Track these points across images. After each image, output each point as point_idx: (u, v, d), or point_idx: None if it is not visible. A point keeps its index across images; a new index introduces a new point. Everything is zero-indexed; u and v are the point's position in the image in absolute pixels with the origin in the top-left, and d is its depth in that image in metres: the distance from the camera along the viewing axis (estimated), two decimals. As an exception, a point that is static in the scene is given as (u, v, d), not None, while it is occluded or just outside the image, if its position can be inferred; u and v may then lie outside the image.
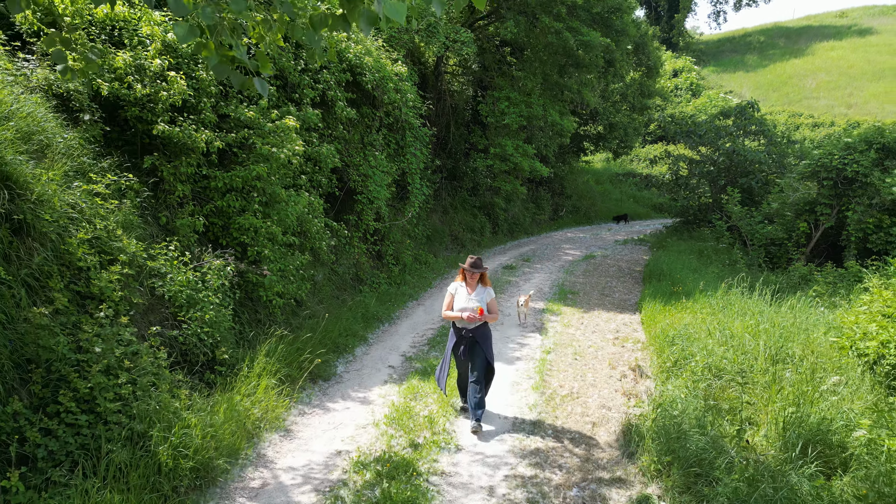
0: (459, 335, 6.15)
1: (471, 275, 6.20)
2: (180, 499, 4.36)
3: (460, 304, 6.14)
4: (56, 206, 5.40)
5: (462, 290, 6.22)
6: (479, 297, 6.18)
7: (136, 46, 6.99)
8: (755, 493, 4.19)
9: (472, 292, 6.19)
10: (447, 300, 6.27)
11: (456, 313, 6.07)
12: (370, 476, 4.78)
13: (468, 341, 6.11)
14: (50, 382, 4.55)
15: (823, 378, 6.25)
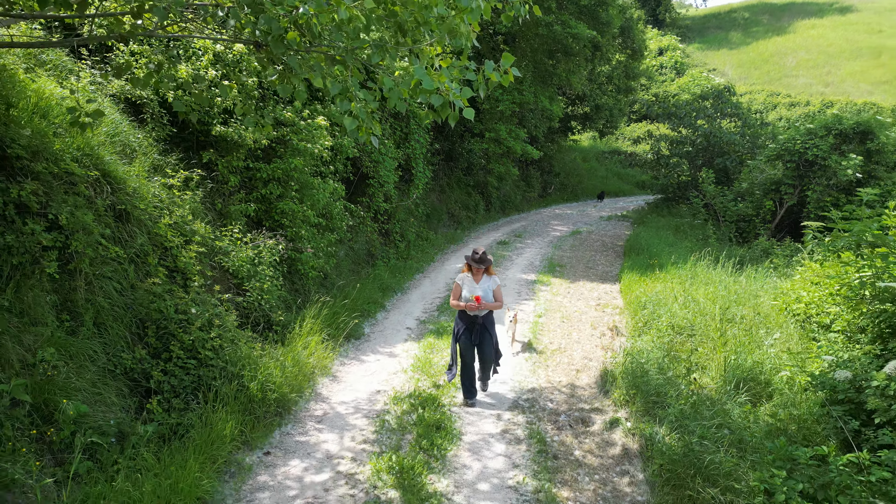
0: (469, 323, 6.57)
1: (476, 268, 6.59)
2: (268, 421, 5.81)
3: (468, 294, 6.48)
4: (147, 197, 6.72)
5: (469, 281, 6.56)
6: (484, 286, 6.54)
7: (190, 57, 8.23)
8: (696, 413, 5.68)
9: (478, 282, 6.57)
10: (455, 291, 6.62)
11: (464, 303, 6.45)
12: (406, 407, 6.24)
13: (478, 328, 6.54)
14: (161, 336, 5.94)
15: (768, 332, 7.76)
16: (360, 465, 5.18)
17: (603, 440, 5.81)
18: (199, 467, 4.60)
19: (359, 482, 4.93)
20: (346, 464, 5.20)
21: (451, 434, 5.72)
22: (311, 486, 4.87)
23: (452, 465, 5.24)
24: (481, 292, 6.44)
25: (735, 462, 4.77)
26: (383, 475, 4.96)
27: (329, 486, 4.86)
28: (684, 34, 53.80)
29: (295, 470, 5.11)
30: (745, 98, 36.70)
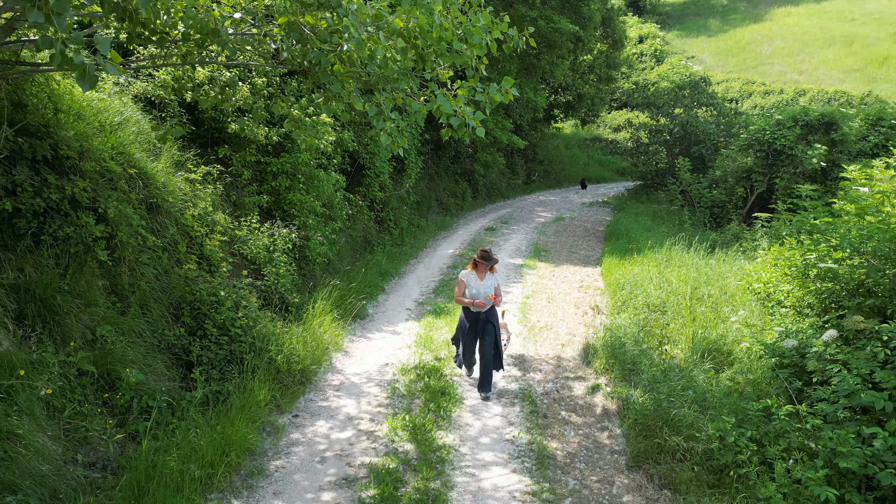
0: (474, 317, 6.90)
1: (482, 265, 6.89)
2: (293, 389, 6.61)
3: (473, 291, 6.82)
4: (174, 191, 7.42)
5: (473, 278, 6.86)
6: (488, 283, 6.87)
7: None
8: (665, 378, 6.56)
9: (482, 279, 6.89)
10: (459, 288, 6.90)
11: (468, 300, 6.76)
12: (413, 376, 7.07)
13: (482, 322, 6.88)
14: (196, 316, 6.69)
15: (734, 310, 8.67)
16: (378, 425, 6.01)
17: (585, 402, 6.69)
18: (244, 425, 5.39)
19: (378, 437, 5.76)
20: (365, 423, 6.03)
21: (454, 398, 6.56)
22: (337, 441, 5.69)
23: (457, 424, 6.09)
24: (483, 290, 6.79)
25: (697, 415, 5.67)
26: (399, 432, 5.80)
27: (353, 441, 5.69)
28: (664, 21, 54.63)
29: (321, 429, 5.92)
30: (722, 86, 37.74)
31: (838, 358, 5.39)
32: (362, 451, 5.50)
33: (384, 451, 5.51)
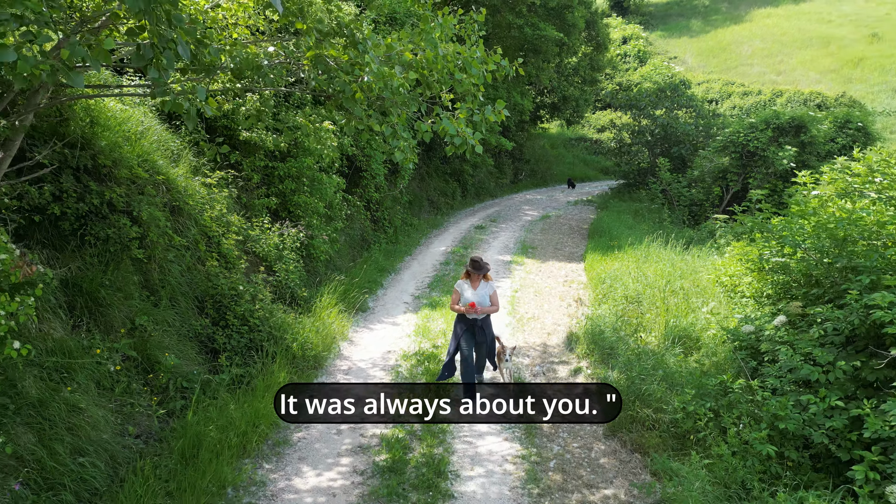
0: (469, 325, 7.01)
1: (476, 274, 6.99)
2: (307, 373, 7.36)
3: (468, 299, 6.91)
4: (193, 194, 8.13)
5: (467, 287, 6.98)
6: (482, 292, 6.98)
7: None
8: (639, 361, 7.38)
9: (476, 288, 6.99)
10: (454, 296, 7.06)
11: (462, 308, 6.90)
12: (414, 361, 7.84)
13: (478, 329, 7.03)
14: (218, 308, 7.42)
15: (704, 302, 9.52)
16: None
17: (568, 382, 7.50)
18: (269, 402, 6.15)
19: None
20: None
21: (452, 381, 7.34)
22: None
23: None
24: (478, 298, 6.91)
25: (664, 391, 6.50)
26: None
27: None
28: (647, 21, 55.68)
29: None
30: (703, 87, 38.76)
31: (785, 339, 6.23)
32: (372, 438, 6.27)
33: (393, 423, 6.29)
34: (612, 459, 5.84)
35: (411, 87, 4.86)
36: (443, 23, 5.34)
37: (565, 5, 18.57)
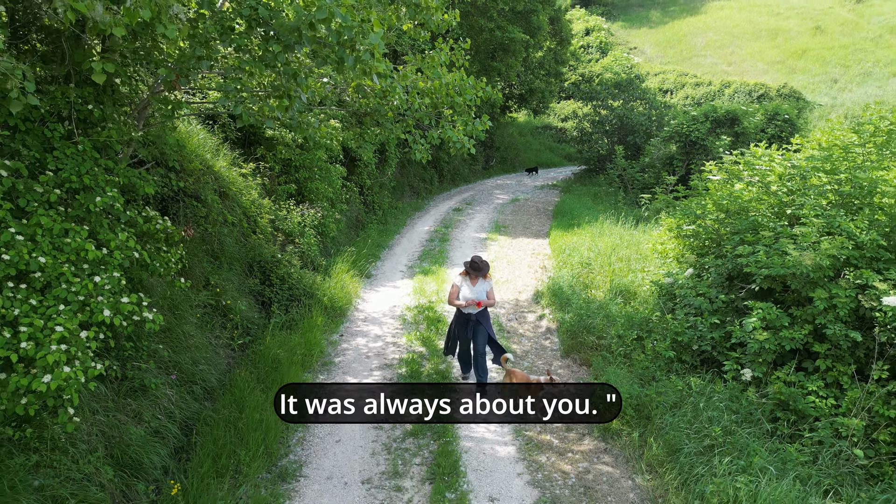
0: (465, 319, 7.35)
1: (473, 274, 7.32)
2: (335, 320, 9.53)
3: (465, 295, 7.25)
4: (235, 182, 10.17)
5: (466, 284, 7.32)
6: (479, 288, 7.30)
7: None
8: (588, 307, 9.70)
9: (474, 285, 7.32)
10: (453, 290, 7.33)
11: (461, 302, 7.21)
12: (415, 312, 10.06)
13: (472, 323, 7.33)
14: (263, 272, 9.51)
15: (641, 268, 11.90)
16: (398, 338, 9.00)
17: (535, 324, 9.81)
18: (317, 337, 8.31)
19: (400, 345, 8.75)
20: (389, 338, 9.01)
21: (446, 324, 9.58)
22: (373, 347, 8.67)
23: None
24: (475, 295, 7.25)
25: (605, 325, 8.84)
26: (413, 341, 8.80)
27: (384, 347, 8.67)
28: (609, 12, 58.10)
29: (361, 341, 8.89)
30: (659, 77, 41.37)
31: (690, 285, 8.60)
32: (392, 352, 8.50)
33: (406, 351, 8.52)
34: (566, 371, 8.17)
35: (424, 107, 7.00)
36: (442, 49, 7.48)
37: (531, 9, 20.81)
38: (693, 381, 6.89)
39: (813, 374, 6.51)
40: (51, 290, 3.97)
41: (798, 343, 6.55)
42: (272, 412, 6.19)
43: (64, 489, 4.49)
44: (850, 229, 6.64)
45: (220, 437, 5.71)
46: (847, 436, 5.78)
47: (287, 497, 5.31)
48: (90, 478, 4.75)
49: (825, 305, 6.41)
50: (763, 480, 4.87)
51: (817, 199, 7.50)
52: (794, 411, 6.17)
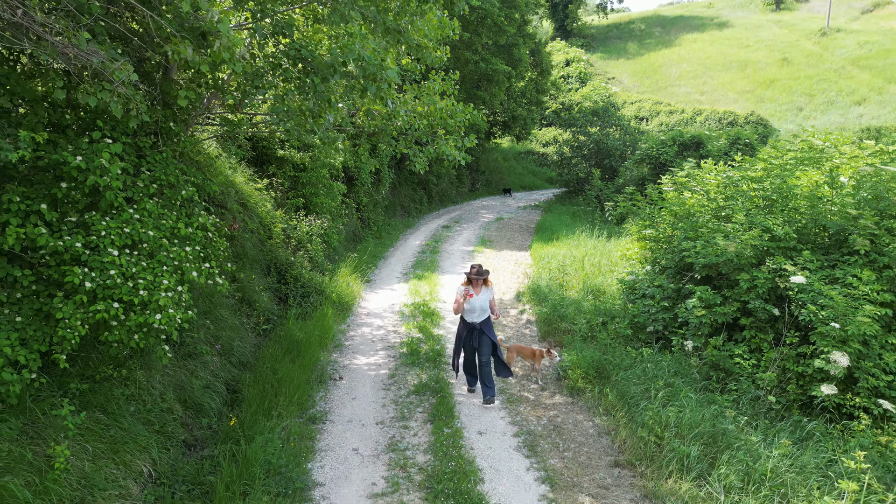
0: (469, 329, 7.46)
1: (476, 280, 7.41)
2: (342, 313, 10.90)
3: (469, 303, 7.37)
4: (252, 195, 11.59)
5: (469, 292, 7.48)
6: (482, 297, 7.41)
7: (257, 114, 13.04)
8: (562, 302, 11.16)
9: (477, 293, 7.42)
10: (457, 300, 7.46)
11: (461, 297, 7.38)
12: (412, 308, 11.46)
13: (476, 332, 7.42)
14: (279, 272, 10.88)
15: (610, 270, 13.40)
16: (398, 328, 10.38)
17: (516, 318, 11.24)
18: (329, 324, 9.68)
19: (400, 332, 10.13)
20: (390, 327, 10.40)
21: (440, 317, 10.99)
22: (377, 334, 10.04)
23: (443, 326, 10.52)
24: (478, 303, 7.44)
25: (576, 314, 10.29)
26: (411, 329, 10.19)
27: (386, 334, 10.05)
28: (589, 44, 60.72)
29: (366, 330, 10.26)
30: (635, 106, 43.55)
31: (648, 279, 10.10)
32: (393, 338, 9.89)
33: (406, 336, 9.90)
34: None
35: (422, 127, 8.51)
36: (435, 79, 9.02)
37: (512, 44, 22.63)
38: (645, 350, 8.35)
39: (741, 343, 7.99)
40: (155, 256, 5.35)
41: (729, 317, 8.04)
42: (300, 375, 7.57)
43: (150, 416, 5.83)
44: (767, 225, 8.20)
45: (261, 390, 7.05)
46: (763, 387, 7.25)
47: (318, 433, 6.66)
48: (166, 411, 6.09)
49: (748, 286, 7.92)
50: (687, 410, 6.30)
51: (745, 202, 9.09)
52: (723, 370, 7.65)
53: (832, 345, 6.70)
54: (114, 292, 4.92)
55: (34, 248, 4.91)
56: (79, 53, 4.66)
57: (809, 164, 9.28)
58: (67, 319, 4.77)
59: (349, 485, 5.64)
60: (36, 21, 4.48)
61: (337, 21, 6.28)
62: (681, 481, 5.51)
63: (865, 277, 7.05)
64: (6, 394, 4.47)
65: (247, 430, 6.15)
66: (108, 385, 5.64)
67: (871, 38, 50.72)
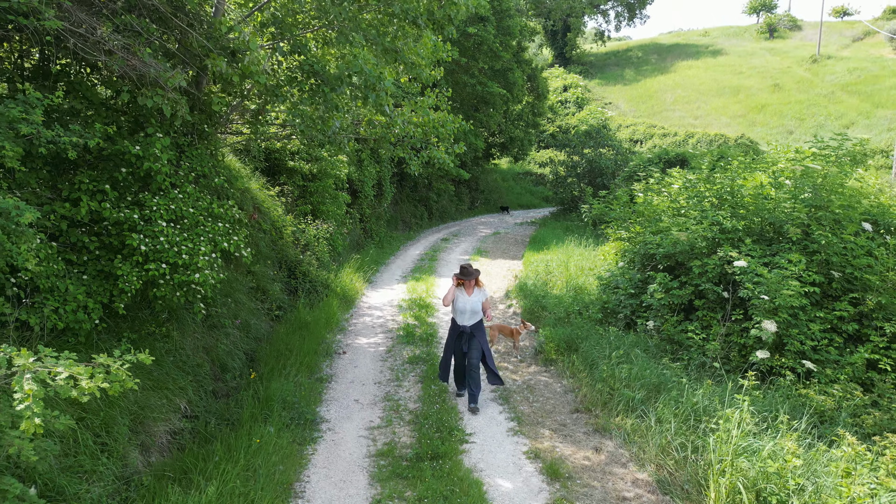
0: (460, 332, 7.31)
1: (468, 281, 7.28)
2: (346, 305, 12.07)
3: (461, 305, 7.25)
4: (266, 200, 12.85)
5: (461, 293, 7.33)
6: (474, 299, 7.31)
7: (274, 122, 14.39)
8: (546, 296, 12.30)
9: (469, 294, 7.31)
10: (449, 294, 7.34)
11: (450, 292, 7.32)
12: (409, 302, 12.61)
13: (467, 335, 7.26)
14: (290, 268, 12.08)
15: (591, 271, 14.56)
16: (396, 317, 11.53)
17: (504, 310, 12.38)
18: (334, 312, 10.85)
19: (398, 320, 11.28)
20: (389, 317, 11.55)
21: (434, 309, 12.14)
22: (377, 322, 11.19)
23: (436, 316, 11.67)
24: (470, 305, 7.29)
25: (556, 304, 11.44)
26: (408, 317, 11.35)
27: (385, 321, 11.20)
28: (587, 71, 62.49)
29: (367, 319, 11.42)
30: (630, 129, 45.03)
31: (620, 272, 11.26)
32: (391, 325, 11.04)
33: (403, 323, 11.05)
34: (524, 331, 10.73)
35: (417, 134, 9.78)
36: (430, 95, 10.34)
37: (507, 68, 24.12)
38: (611, 329, 9.49)
39: (694, 321, 9.12)
40: (194, 229, 6.55)
41: (685, 299, 9.19)
42: (309, 347, 8.73)
43: (185, 367, 6.99)
44: (717, 219, 9.40)
45: (275, 355, 8.21)
46: (710, 356, 8.36)
47: (324, 389, 7.81)
48: (198, 365, 7.25)
49: (700, 271, 9.08)
50: (636, 367, 7.43)
51: (701, 202, 10.30)
52: (677, 343, 8.77)
53: (762, 314, 7.84)
54: (162, 255, 6.12)
55: (99, 219, 6.13)
56: (140, 64, 5.93)
57: (754, 169, 10.51)
58: (126, 276, 5.97)
59: (351, 422, 6.78)
60: (109, 39, 5.75)
61: (343, 42, 7.56)
62: (626, 418, 6.62)
63: (795, 260, 8.20)
64: (79, 329, 5.64)
65: (265, 381, 7.30)
66: (152, 339, 6.81)
67: (860, 65, 52.33)
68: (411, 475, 5.54)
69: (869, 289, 8.32)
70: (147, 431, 5.74)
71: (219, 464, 5.20)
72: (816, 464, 4.60)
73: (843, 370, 7.52)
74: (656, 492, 5.38)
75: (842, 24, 66.79)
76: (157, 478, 5.00)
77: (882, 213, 9.17)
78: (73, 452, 4.66)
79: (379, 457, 6.01)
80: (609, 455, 6.13)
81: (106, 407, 5.38)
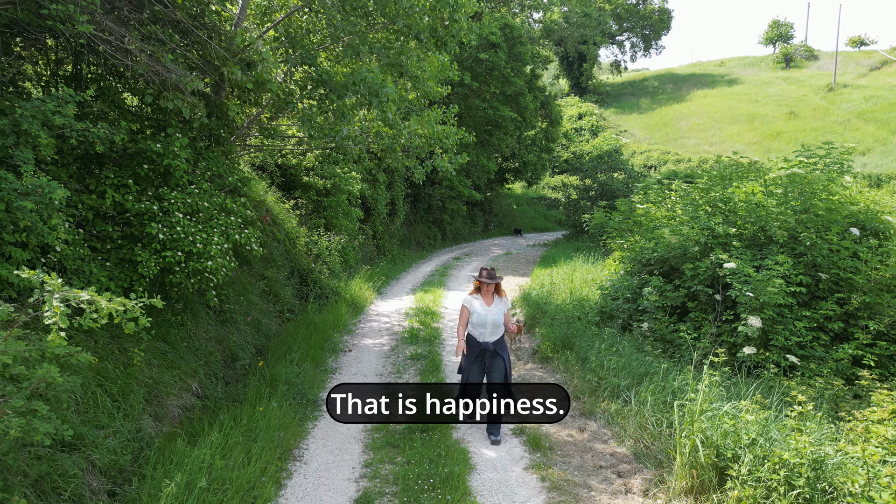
0: (481, 350, 6.09)
1: (486, 286, 6.12)
2: (355, 312, 12.52)
3: (479, 317, 6.06)
4: (281, 213, 13.46)
5: (478, 304, 6.15)
6: (496, 309, 6.11)
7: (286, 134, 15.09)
8: (550, 307, 12.65)
9: (489, 304, 6.13)
10: (463, 316, 6.13)
11: (462, 339, 6.11)
12: (416, 310, 13.04)
13: (489, 355, 6.10)
14: (302, 276, 12.60)
15: (594, 282, 14.91)
16: (402, 322, 11.95)
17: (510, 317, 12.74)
18: (342, 315, 11.31)
19: (403, 325, 11.71)
20: (395, 322, 11.98)
21: (439, 315, 12.55)
22: (384, 326, 11.62)
23: (441, 322, 12.08)
24: (491, 316, 6.10)
25: (558, 311, 11.79)
26: (414, 322, 11.76)
27: (392, 325, 11.62)
28: (603, 100, 63.32)
29: (374, 324, 11.86)
30: (644, 155, 45.47)
31: (620, 280, 11.60)
32: (397, 329, 11.47)
33: (408, 327, 11.47)
34: (524, 337, 11.08)
35: (422, 146, 10.34)
36: (436, 111, 10.93)
37: (519, 93, 24.84)
38: (606, 330, 9.83)
39: (687, 322, 9.43)
40: (208, 222, 7.10)
41: (678, 301, 9.52)
42: (316, 342, 9.19)
43: (198, 353, 7.48)
44: (710, 224, 9.76)
45: (283, 347, 8.67)
46: (700, 355, 8.66)
47: (328, 379, 8.24)
48: (210, 353, 7.74)
49: (692, 273, 9.42)
50: (625, 357, 7.76)
51: (694, 209, 10.68)
52: (669, 342, 9.08)
53: (748, 311, 8.15)
54: (178, 244, 6.66)
55: (122, 211, 6.70)
56: (162, 70, 6.55)
57: (745, 178, 10.91)
58: (145, 262, 6.51)
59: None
60: (137, 47, 6.39)
61: (350, 55, 8.18)
62: (611, 403, 6.95)
63: (781, 260, 8.53)
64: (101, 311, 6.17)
65: (271, 367, 7.75)
66: (168, 326, 7.32)
67: (876, 93, 52.44)
68: (402, 444, 5.94)
69: (855, 289, 8.60)
70: (160, 403, 6.20)
71: (223, 425, 5.64)
72: (772, 425, 4.91)
73: (827, 364, 7.79)
74: (632, 461, 5.71)
75: (858, 54, 67.00)
76: (167, 438, 5.45)
77: (869, 217, 9.48)
78: (92, 410, 5.14)
79: (374, 431, 6.41)
80: (592, 433, 6.46)
81: (123, 377, 5.87)
